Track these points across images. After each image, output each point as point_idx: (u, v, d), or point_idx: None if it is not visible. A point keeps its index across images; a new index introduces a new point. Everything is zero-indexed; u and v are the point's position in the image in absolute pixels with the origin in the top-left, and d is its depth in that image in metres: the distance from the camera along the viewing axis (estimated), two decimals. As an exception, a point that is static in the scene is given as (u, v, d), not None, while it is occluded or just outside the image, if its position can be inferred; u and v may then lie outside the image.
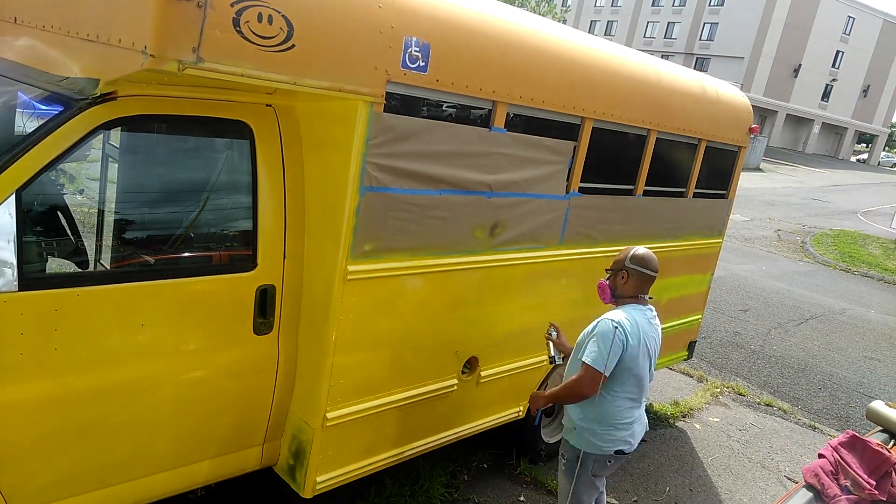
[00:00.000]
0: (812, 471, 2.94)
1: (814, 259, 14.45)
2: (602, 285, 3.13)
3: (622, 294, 3.08)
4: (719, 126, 4.82)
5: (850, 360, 8.15)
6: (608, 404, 3.01)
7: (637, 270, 3.04)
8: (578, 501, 3.21)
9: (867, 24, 54.40)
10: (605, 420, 3.03)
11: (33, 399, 2.33)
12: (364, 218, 2.79)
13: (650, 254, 3.10)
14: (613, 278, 3.10)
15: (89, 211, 2.85)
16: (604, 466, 3.13)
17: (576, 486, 3.17)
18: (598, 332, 2.95)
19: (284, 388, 3.01)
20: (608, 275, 3.14)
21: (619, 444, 3.07)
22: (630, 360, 2.96)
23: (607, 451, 3.07)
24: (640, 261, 3.05)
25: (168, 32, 2.05)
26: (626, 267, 3.06)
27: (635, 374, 3.01)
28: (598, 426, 3.03)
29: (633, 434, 3.11)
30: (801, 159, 46.94)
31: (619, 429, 3.05)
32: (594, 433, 3.04)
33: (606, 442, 3.05)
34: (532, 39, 3.34)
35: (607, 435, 3.05)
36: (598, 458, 3.09)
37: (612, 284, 3.10)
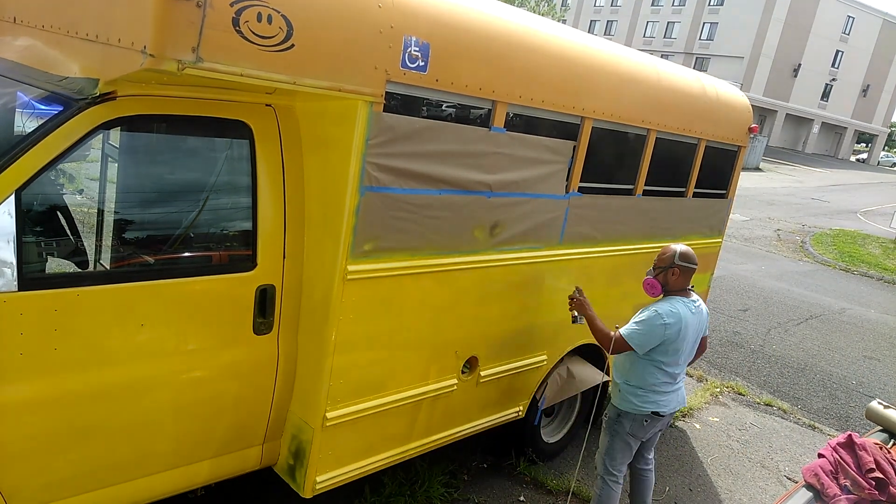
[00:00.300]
0: (812, 470, 2.93)
1: (813, 259, 14.45)
2: (652, 282, 3.52)
3: (673, 288, 3.49)
4: (719, 126, 4.82)
5: (849, 359, 8.15)
6: (647, 374, 3.47)
7: (686, 266, 3.46)
8: (612, 458, 3.63)
9: (867, 24, 54.41)
10: (644, 385, 3.48)
11: (33, 399, 2.33)
12: (364, 218, 2.79)
13: (691, 250, 3.53)
14: (664, 275, 3.49)
15: (89, 211, 2.85)
16: (640, 426, 3.56)
17: (612, 442, 3.62)
18: (646, 319, 3.41)
19: (284, 388, 3.01)
20: (656, 272, 3.52)
21: (654, 405, 3.50)
22: (667, 344, 3.41)
23: (644, 410, 3.50)
24: (687, 258, 3.47)
25: (167, 32, 2.04)
26: (677, 264, 3.45)
27: (672, 353, 3.44)
28: (638, 389, 3.49)
29: (668, 401, 3.53)
30: (800, 159, 46.95)
31: (655, 392, 3.49)
32: (634, 394, 3.50)
33: (644, 402, 3.50)
34: (532, 39, 3.34)
35: (645, 396, 3.49)
36: (635, 417, 3.53)
37: (664, 280, 3.49)
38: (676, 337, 3.40)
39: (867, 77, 56.67)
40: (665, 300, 3.48)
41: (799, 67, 51.71)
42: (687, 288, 3.52)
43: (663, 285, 3.49)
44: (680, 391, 3.62)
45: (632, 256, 4.47)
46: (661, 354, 3.43)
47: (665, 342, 3.39)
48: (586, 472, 4.53)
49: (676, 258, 3.44)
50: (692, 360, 3.71)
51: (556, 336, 4.13)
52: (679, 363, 3.52)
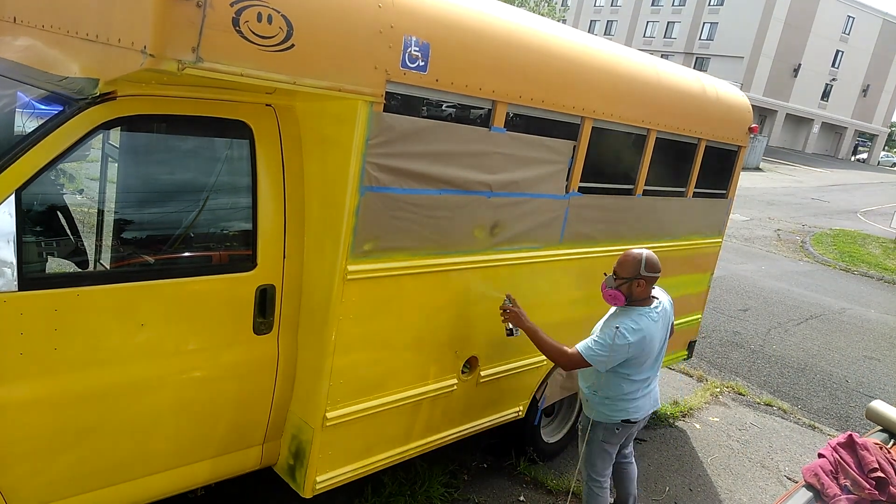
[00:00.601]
0: (812, 470, 2.93)
1: (813, 259, 14.46)
2: (614, 294, 3.31)
3: (637, 298, 3.33)
4: (719, 126, 4.81)
5: (849, 359, 8.15)
6: (614, 385, 3.38)
7: (651, 277, 3.31)
8: (592, 465, 3.61)
9: (867, 24, 54.41)
10: (612, 396, 3.41)
11: (33, 399, 2.33)
12: (364, 218, 2.79)
13: (654, 256, 3.34)
14: (628, 286, 3.29)
15: (89, 211, 2.85)
16: (612, 434, 3.51)
17: (588, 451, 3.60)
18: (608, 338, 3.24)
19: (284, 388, 3.01)
20: (619, 283, 3.30)
21: (624, 413, 3.43)
22: (632, 359, 3.30)
23: (614, 419, 3.45)
24: (652, 267, 3.30)
25: (168, 32, 2.04)
26: (643, 275, 3.27)
27: (638, 365, 3.34)
28: (606, 399, 3.43)
29: (638, 406, 3.45)
30: (800, 159, 46.94)
31: (623, 401, 3.41)
32: (602, 404, 3.45)
33: (613, 412, 3.44)
34: (532, 39, 3.34)
35: (613, 405, 3.43)
36: (606, 426, 3.49)
37: (627, 292, 3.31)
38: (641, 352, 3.28)
39: (867, 77, 56.67)
40: (627, 313, 3.31)
41: (799, 67, 51.71)
42: (650, 296, 3.37)
43: (627, 297, 3.31)
44: (652, 393, 3.53)
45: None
46: (627, 367, 3.32)
47: (629, 358, 3.27)
48: (586, 472, 4.54)
49: (642, 269, 3.25)
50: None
51: (557, 336, 4.12)
52: (647, 371, 3.40)
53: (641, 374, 3.38)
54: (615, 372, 3.33)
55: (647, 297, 3.35)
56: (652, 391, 3.52)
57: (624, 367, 3.32)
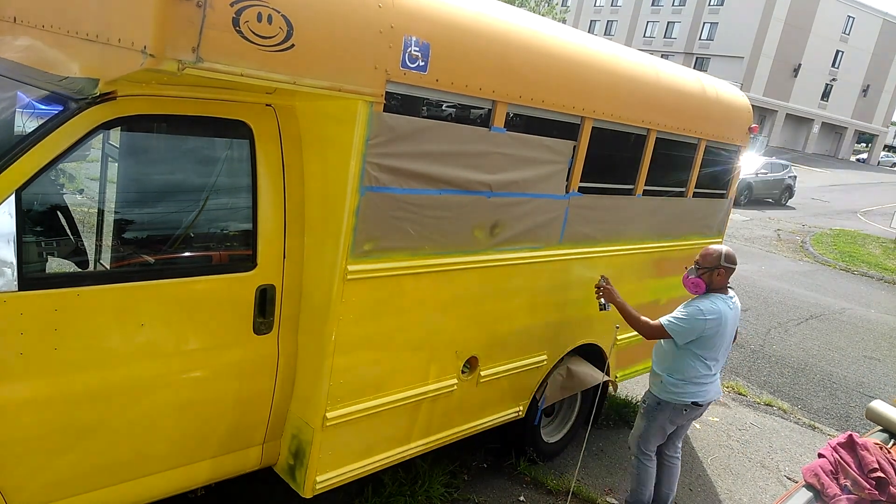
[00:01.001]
0: (812, 470, 2.93)
1: (814, 259, 14.46)
2: (696, 281, 3.71)
3: (716, 287, 3.71)
4: (719, 126, 4.81)
5: (849, 359, 8.15)
6: (686, 365, 3.68)
7: (729, 267, 3.69)
8: (646, 441, 3.89)
9: (867, 24, 54.39)
10: (683, 376, 3.69)
11: (33, 399, 2.33)
12: (364, 218, 2.79)
13: (733, 251, 3.77)
14: (709, 275, 3.69)
15: (89, 211, 2.85)
16: (680, 414, 3.79)
17: (648, 427, 3.86)
18: (689, 314, 3.63)
19: (284, 388, 3.01)
20: (700, 272, 3.70)
21: (693, 396, 3.71)
22: (705, 339, 3.63)
23: (684, 400, 3.72)
24: (731, 259, 3.71)
25: (168, 32, 2.04)
26: (723, 265, 3.67)
27: (710, 347, 3.66)
28: (677, 380, 3.70)
29: (706, 391, 3.74)
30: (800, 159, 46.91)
31: (694, 384, 3.69)
32: (674, 384, 3.71)
33: (684, 393, 3.71)
34: (532, 39, 3.34)
35: (686, 387, 3.70)
36: (675, 406, 3.75)
37: (708, 280, 3.69)
38: (715, 332, 3.61)
39: (867, 77, 56.64)
40: (707, 297, 3.68)
41: (799, 67, 51.69)
42: (727, 286, 3.74)
43: (707, 284, 3.69)
44: (716, 382, 3.81)
45: (632, 256, 4.47)
46: (701, 347, 3.64)
47: (703, 336, 3.60)
48: (586, 472, 4.54)
49: (722, 260, 3.66)
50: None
51: (557, 336, 4.13)
52: (718, 356, 3.73)
53: (712, 360, 3.69)
54: (690, 351, 3.65)
55: (724, 287, 3.73)
56: (717, 380, 3.81)
57: (698, 347, 3.64)
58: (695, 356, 3.67)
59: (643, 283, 4.72)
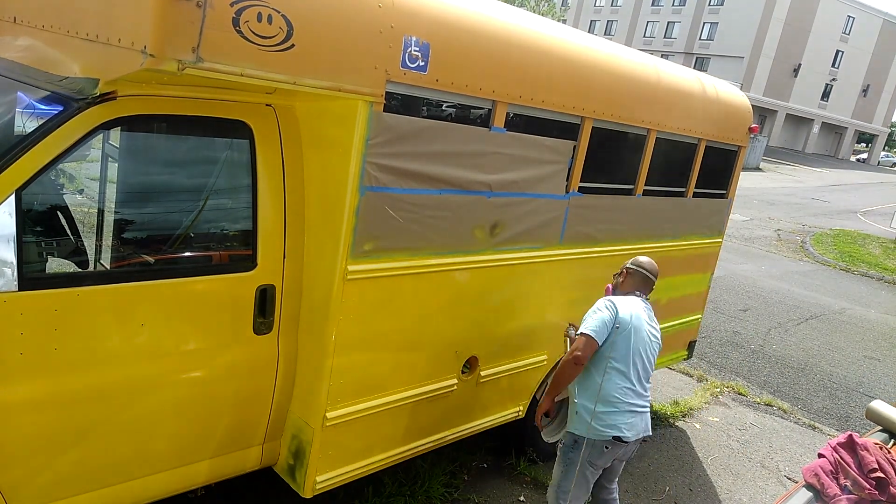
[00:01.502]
0: (812, 470, 2.93)
1: (814, 259, 14.45)
2: (607, 286, 3.61)
3: (621, 291, 3.49)
4: (719, 126, 4.81)
5: (849, 359, 8.15)
6: (608, 383, 3.21)
7: (634, 269, 3.47)
8: (565, 492, 3.29)
9: (867, 24, 54.38)
10: (605, 399, 3.19)
11: (33, 399, 2.33)
12: (364, 218, 2.79)
13: (651, 260, 3.53)
14: (616, 277, 3.57)
15: (89, 211, 2.85)
16: (600, 453, 3.24)
17: (566, 473, 3.31)
18: (591, 309, 3.35)
19: (284, 388, 3.01)
20: (614, 277, 3.59)
21: (616, 430, 3.19)
22: (622, 333, 3.22)
23: (605, 435, 3.19)
24: (638, 263, 3.49)
25: (168, 32, 2.04)
26: (627, 268, 3.51)
27: (631, 354, 3.23)
28: (600, 406, 3.19)
29: (632, 424, 3.22)
30: (800, 159, 46.94)
31: (619, 412, 3.20)
32: (595, 415, 3.19)
33: (605, 425, 3.19)
34: (532, 39, 3.34)
35: (607, 417, 3.19)
36: (594, 444, 3.21)
37: (615, 283, 3.56)
38: (626, 327, 3.21)
39: (867, 77, 56.64)
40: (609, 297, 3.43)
41: (799, 67, 51.68)
42: (635, 293, 3.41)
43: (614, 288, 3.55)
44: (645, 415, 3.30)
45: (632, 256, 4.46)
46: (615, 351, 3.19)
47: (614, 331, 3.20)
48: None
49: (629, 262, 3.53)
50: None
51: (557, 336, 4.12)
52: (636, 368, 3.25)
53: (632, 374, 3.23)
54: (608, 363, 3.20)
55: (630, 292, 3.44)
56: (644, 412, 3.30)
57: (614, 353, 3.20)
58: (612, 368, 3.20)
59: (643, 283, 4.71)
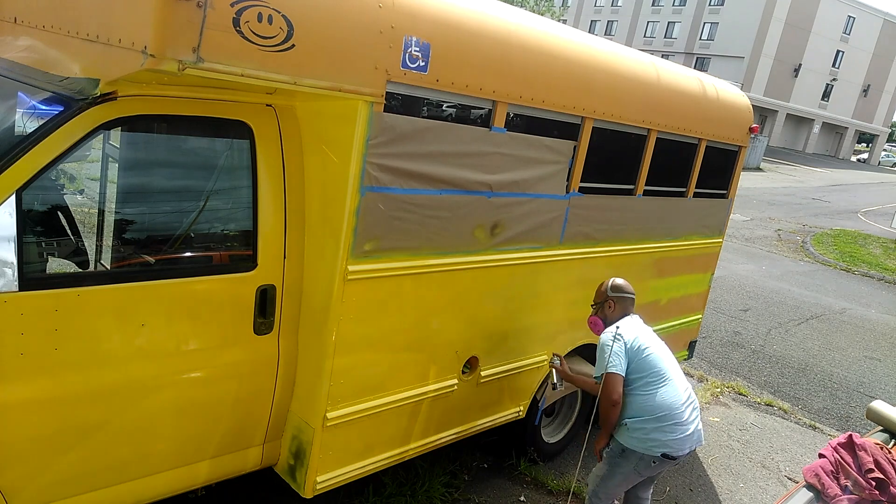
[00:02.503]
0: (812, 471, 2.93)
1: (814, 259, 14.44)
2: (593, 321, 3.57)
3: (612, 319, 3.48)
4: (719, 126, 4.81)
5: (850, 359, 8.15)
6: (647, 404, 3.24)
7: (620, 297, 3.50)
8: (606, 487, 3.41)
9: (867, 24, 54.36)
10: (649, 414, 3.22)
11: (34, 399, 2.33)
12: (364, 218, 2.79)
13: (622, 280, 3.58)
14: (602, 310, 3.54)
15: (89, 211, 2.85)
16: (648, 466, 3.30)
17: (610, 474, 3.38)
18: (599, 348, 3.35)
19: (285, 388, 3.01)
20: (595, 309, 3.58)
21: (665, 447, 3.22)
22: (640, 352, 3.28)
23: (654, 452, 3.24)
24: (619, 288, 3.52)
25: (168, 32, 2.05)
26: (610, 297, 3.51)
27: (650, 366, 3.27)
28: (646, 424, 3.23)
29: (681, 441, 3.24)
30: (801, 159, 46.92)
31: (664, 431, 3.21)
32: (643, 430, 3.23)
33: (655, 443, 3.22)
34: (532, 39, 3.34)
35: (656, 433, 3.21)
36: (642, 457, 3.27)
37: (603, 315, 3.53)
38: (642, 349, 3.27)
39: (868, 77, 56.63)
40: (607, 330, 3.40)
41: (799, 67, 51.67)
42: (627, 315, 3.47)
43: (604, 320, 3.51)
44: (694, 424, 3.31)
45: (632, 256, 4.47)
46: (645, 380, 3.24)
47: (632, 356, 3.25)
48: (586, 472, 4.53)
49: (609, 290, 3.51)
50: None
51: (557, 336, 4.13)
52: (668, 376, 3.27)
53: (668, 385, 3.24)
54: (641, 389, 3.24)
55: (622, 317, 3.47)
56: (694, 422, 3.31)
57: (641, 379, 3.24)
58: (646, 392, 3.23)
59: (644, 284, 4.71)
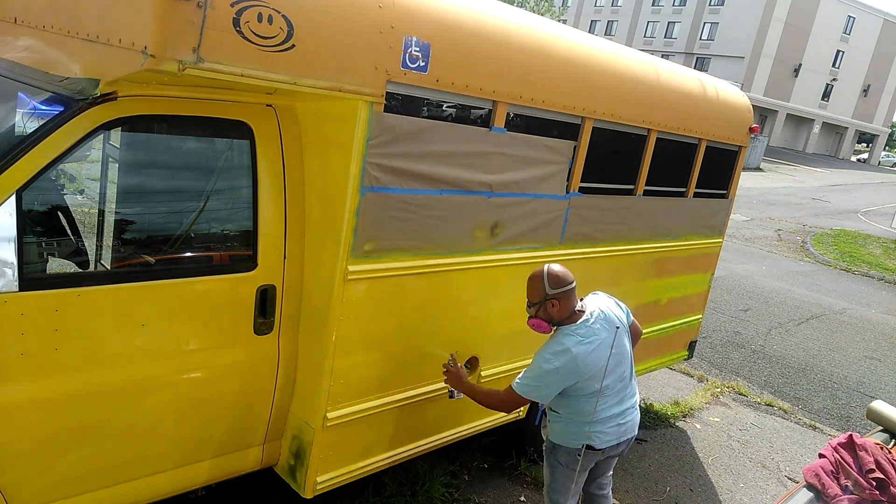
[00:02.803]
0: (812, 471, 2.93)
1: (814, 259, 14.45)
2: (537, 323, 3.02)
3: (560, 318, 2.99)
4: (719, 126, 4.81)
5: (850, 359, 8.15)
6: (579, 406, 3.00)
7: (559, 293, 2.95)
8: (555, 491, 3.19)
9: (867, 24, 54.39)
10: (573, 417, 3.03)
11: (34, 399, 2.33)
12: (364, 218, 2.79)
13: (558, 267, 3.02)
14: (544, 310, 2.98)
15: (90, 211, 2.85)
16: (574, 459, 3.05)
17: (551, 474, 3.21)
18: (535, 368, 2.94)
19: (285, 389, 3.01)
20: (533, 310, 3.02)
21: (586, 439, 3.00)
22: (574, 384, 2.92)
23: (574, 445, 3.05)
24: (556, 281, 2.96)
25: (168, 32, 2.05)
26: (550, 295, 2.95)
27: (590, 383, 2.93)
28: (570, 421, 3.05)
29: (607, 433, 3.04)
30: (801, 159, 46.93)
31: (592, 423, 2.97)
32: (565, 426, 3.07)
33: (573, 436, 3.04)
34: (532, 39, 3.34)
35: (577, 429, 3.02)
36: (567, 451, 3.09)
37: (546, 316, 2.99)
38: (578, 373, 2.88)
39: (868, 77, 56.65)
40: (553, 336, 3.02)
41: (799, 67, 51.68)
42: (575, 311, 3.00)
43: (548, 321, 3.00)
44: (628, 420, 3.11)
45: (632, 256, 4.47)
46: (579, 391, 2.94)
47: (569, 382, 2.90)
48: (587, 473, 4.53)
49: (547, 288, 2.93)
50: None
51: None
52: (609, 384, 2.97)
53: (607, 390, 2.97)
54: (573, 396, 2.97)
55: (571, 314, 2.98)
56: (625, 418, 3.10)
57: (576, 392, 2.95)
58: (581, 397, 2.96)
59: (644, 284, 4.72)
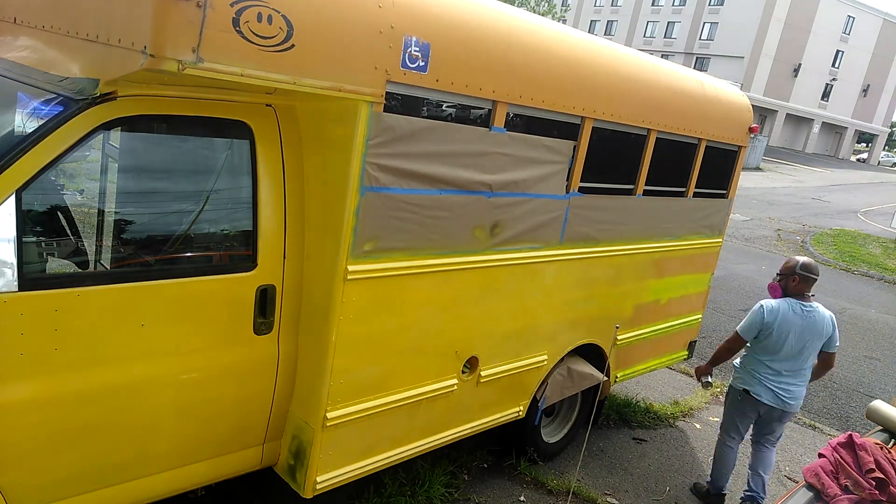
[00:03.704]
0: (812, 470, 2.93)
1: (814, 258, 14.45)
2: (773, 286, 4.17)
3: (793, 293, 4.07)
4: (719, 126, 4.81)
5: (850, 359, 8.15)
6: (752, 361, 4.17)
7: (805, 276, 4.03)
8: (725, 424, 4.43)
9: (867, 24, 54.42)
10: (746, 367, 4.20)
11: (33, 399, 2.33)
12: (364, 218, 2.79)
13: (813, 262, 4.11)
14: (785, 280, 4.10)
15: (89, 211, 2.84)
16: (736, 400, 4.26)
17: (725, 411, 4.43)
18: (751, 311, 4.17)
19: (284, 389, 3.01)
20: (779, 278, 4.14)
21: (746, 385, 4.16)
22: (766, 340, 4.06)
23: (737, 386, 4.23)
24: (808, 269, 4.05)
25: (168, 32, 2.05)
26: (797, 273, 4.04)
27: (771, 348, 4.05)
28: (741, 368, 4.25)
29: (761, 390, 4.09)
30: (801, 159, 46.94)
31: (752, 375, 4.14)
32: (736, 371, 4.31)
33: (740, 380, 4.22)
34: (532, 39, 3.34)
35: (743, 375, 4.21)
36: (733, 390, 4.29)
37: (784, 285, 4.10)
38: (772, 333, 4.00)
39: (867, 77, 56.67)
40: (777, 300, 4.09)
41: (799, 67, 51.71)
42: (805, 293, 4.05)
43: (783, 289, 4.10)
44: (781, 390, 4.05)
45: (632, 256, 4.47)
46: (762, 351, 4.06)
47: (762, 332, 4.04)
48: (586, 472, 4.54)
49: (798, 268, 4.04)
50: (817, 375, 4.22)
51: (557, 336, 4.13)
52: (781, 360, 4.03)
53: (776, 364, 4.05)
54: (754, 353, 4.13)
55: (802, 295, 4.05)
56: (782, 387, 4.06)
57: (760, 350, 4.09)
58: (757, 358, 4.08)
59: (644, 283, 4.72)
